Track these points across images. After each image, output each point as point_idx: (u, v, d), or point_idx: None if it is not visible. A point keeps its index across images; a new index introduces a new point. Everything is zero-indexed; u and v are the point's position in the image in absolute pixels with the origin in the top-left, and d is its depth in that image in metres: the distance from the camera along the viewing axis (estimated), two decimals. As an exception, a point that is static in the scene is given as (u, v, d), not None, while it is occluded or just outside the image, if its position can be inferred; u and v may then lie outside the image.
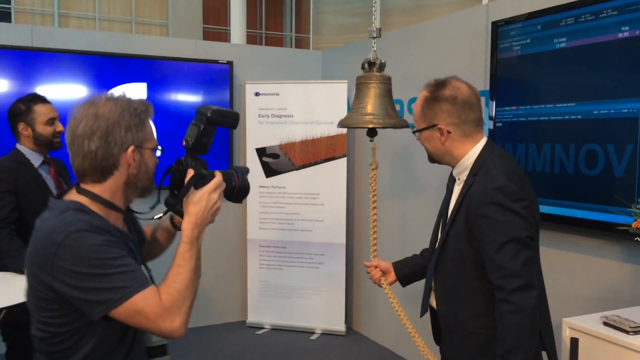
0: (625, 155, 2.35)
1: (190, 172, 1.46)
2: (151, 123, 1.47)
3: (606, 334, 1.92)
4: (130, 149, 1.38)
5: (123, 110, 1.38)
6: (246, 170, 1.62)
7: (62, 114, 3.98)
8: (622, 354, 1.87)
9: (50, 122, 2.70)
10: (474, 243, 1.68)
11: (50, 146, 2.71)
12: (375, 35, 2.28)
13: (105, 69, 4.11)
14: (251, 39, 9.63)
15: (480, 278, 1.68)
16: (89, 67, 4.06)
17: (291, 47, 10.45)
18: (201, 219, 1.42)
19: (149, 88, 4.24)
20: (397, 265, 2.16)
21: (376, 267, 2.19)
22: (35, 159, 2.69)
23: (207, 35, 9.80)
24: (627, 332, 1.92)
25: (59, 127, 2.73)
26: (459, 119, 1.73)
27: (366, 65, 2.20)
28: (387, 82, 2.20)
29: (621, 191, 2.34)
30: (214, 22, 10.10)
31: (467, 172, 1.76)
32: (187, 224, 1.41)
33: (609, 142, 2.41)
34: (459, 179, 1.82)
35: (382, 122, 2.13)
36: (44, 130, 2.67)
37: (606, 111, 2.43)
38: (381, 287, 2.20)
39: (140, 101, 1.44)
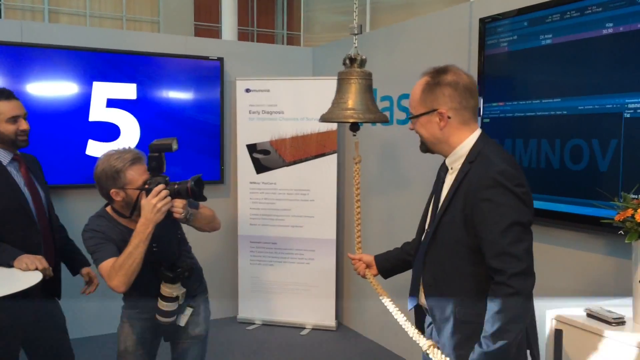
0: (610, 150, 2.38)
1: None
2: (137, 169, 2.21)
3: (589, 325, 1.96)
4: (113, 191, 2.20)
5: (105, 167, 2.20)
6: (197, 177, 2.20)
7: (50, 110, 3.99)
8: (605, 345, 1.91)
9: (13, 120, 2.56)
10: (471, 229, 1.67)
11: (14, 145, 2.60)
12: (356, 32, 2.29)
13: (95, 65, 4.10)
14: (243, 36, 9.63)
15: (475, 264, 1.68)
16: (79, 63, 4.06)
17: (283, 44, 10.44)
18: (148, 219, 2.10)
19: (140, 84, 4.24)
20: (378, 259, 2.18)
21: (360, 259, 2.20)
22: (4, 157, 2.58)
23: (199, 32, 9.77)
24: (609, 323, 1.96)
25: (23, 125, 2.59)
26: (459, 105, 1.74)
27: (347, 61, 2.19)
28: (367, 78, 2.19)
29: (605, 185, 2.37)
30: (205, 19, 10.08)
31: (461, 161, 1.76)
32: (139, 222, 2.13)
33: (594, 137, 2.45)
34: (452, 168, 1.81)
35: (362, 116, 2.13)
36: (4, 129, 2.54)
37: (591, 107, 2.46)
38: (365, 278, 2.21)
39: (125, 158, 2.20)
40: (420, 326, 1.96)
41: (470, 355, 1.66)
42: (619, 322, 1.95)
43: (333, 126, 4.31)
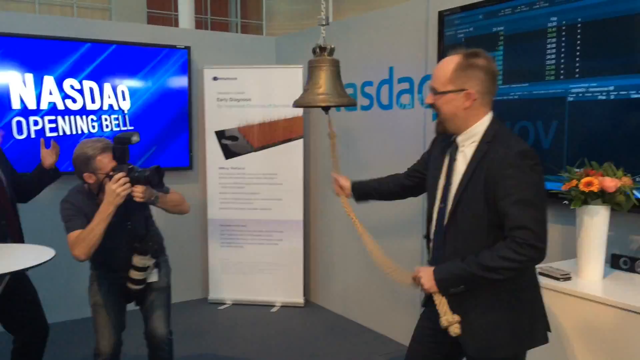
0: (551, 130, 2.70)
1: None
2: (107, 156, 2.49)
3: (541, 281, 2.25)
4: (85, 174, 2.51)
5: (80, 154, 2.51)
6: (155, 166, 2.48)
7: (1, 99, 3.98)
8: (554, 297, 2.21)
9: None
10: (492, 205, 1.74)
11: None
12: (324, 23, 2.48)
13: (53, 53, 4.12)
14: (197, 24, 9.63)
15: (495, 239, 1.75)
16: (43, 52, 4.08)
17: (237, 32, 10.49)
18: (109, 201, 2.40)
19: (106, 72, 4.30)
20: (354, 187, 2.37)
21: (337, 181, 2.39)
22: None
23: (151, 20, 9.71)
24: (558, 279, 2.27)
25: None
26: (487, 89, 1.82)
27: (318, 50, 2.37)
28: (337, 65, 2.39)
29: (550, 161, 2.68)
30: (158, 7, 10.02)
31: (474, 139, 1.84)
32: (102, 204, 2.42)
33: (539, 119, 2.76)
34: (463, 146, 1.87)
35: (334, 100, 2.32)
36: None
37: (536, 92, 2.77)
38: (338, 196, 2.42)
39: (96, 147, 2.49)
40: (429, 295, 1.94)
41: (455, 262, 1.79)
42: (566, 277, 2.26)
43: (299, 113, 4.50)
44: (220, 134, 4.59)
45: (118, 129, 4.33)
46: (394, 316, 3.93)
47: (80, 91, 4.22)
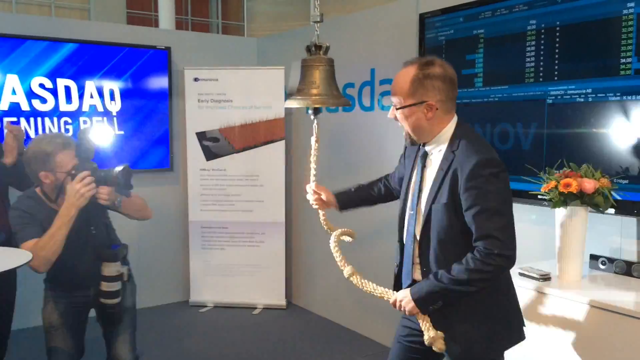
0: (531, 132, 2.72)
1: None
2: (67, 153, 2.29)
3: (521, 282, 2.28)
4: (42, 173, 2.28)
5: (36, 150, 2.28)
6: (124, 165, 2.30)
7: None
8: (534, 297, 2.24)
9: None
10: (461, 215, 1.74)
11: None
12: (318, 20, 2.37)
13: (30, 53, 4.05)
14: (178, 25, 9.53)
15: (468, 246, 1.74)
16: (9, 50, 4.00)
17: (218, 33, 10.41)
18: (71, 203, 2.19)
19: (85, 73, 4.24)
20: (339, 198, 2.27)
21: (319, 194, 2.25)
22: None
23: (131, 20, 9.60)
24: (537, 279, 2.29)
25: None
26: (446, 97, 1.80)
27: (313, 48, 2.27)
28: (331, 65, 2.31)
29: (530, 162, 2.70)
30: (138, 7, 9.90)
31: (442, 147, 1.83)
32: (63, 206, 2.23)
33: (519, 120, 2.79)
34: (431, 154, 1.88)
35: (329, 101, 2.24)
36: None
37: (516, 94, 2.80)
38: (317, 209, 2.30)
39: (56, 143, 2.29)
40: None
41: (428, 277, 1.79)
42: (546, 278, 2.29)
43: (281, 114, 4.49)
44: (201, 135, 4.56)
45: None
46: (376, 317, 3.93)
47: (54, 91, 4.14)
